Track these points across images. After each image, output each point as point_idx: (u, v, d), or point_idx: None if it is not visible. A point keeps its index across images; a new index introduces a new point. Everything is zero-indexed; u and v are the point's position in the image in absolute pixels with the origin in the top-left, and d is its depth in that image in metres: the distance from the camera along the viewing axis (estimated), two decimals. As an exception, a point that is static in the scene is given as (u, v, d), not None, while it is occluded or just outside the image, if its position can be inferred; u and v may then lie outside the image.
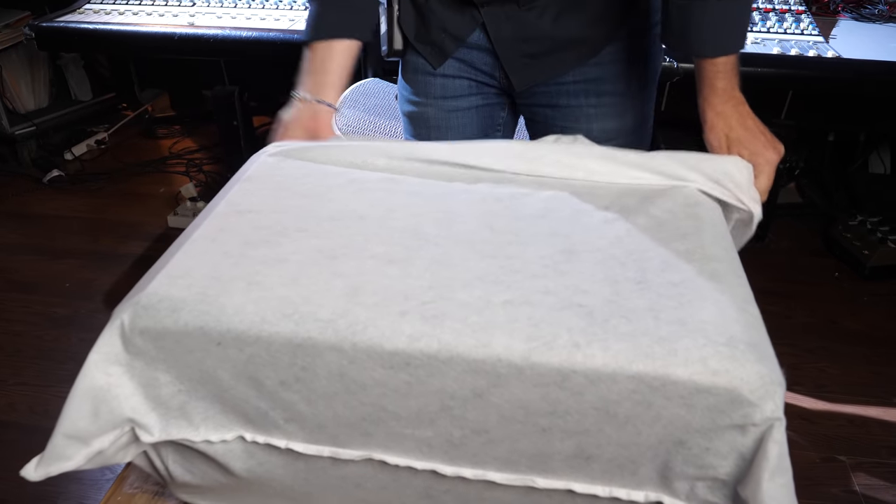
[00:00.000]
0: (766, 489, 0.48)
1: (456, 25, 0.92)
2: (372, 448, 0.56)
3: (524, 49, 0.92)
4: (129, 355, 0.55)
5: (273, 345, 0.53)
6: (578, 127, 0.95)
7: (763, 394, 0.48)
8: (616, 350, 0.49)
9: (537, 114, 0.99)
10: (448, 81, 0.98)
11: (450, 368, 0.51)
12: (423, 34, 0.95)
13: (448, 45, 0.94)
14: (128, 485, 0.69)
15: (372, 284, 0.56)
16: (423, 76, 0.99)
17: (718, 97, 0.77)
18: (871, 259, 1.84)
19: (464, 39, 0.93)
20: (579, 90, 0.93)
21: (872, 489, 1.23)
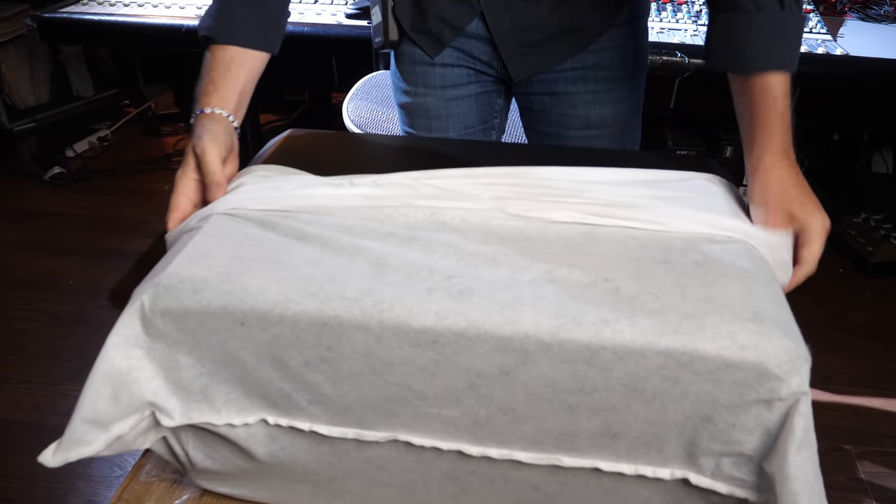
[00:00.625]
0: (793, 462, 0.48)
1: (454, 15, 0.92)
2: (397, 429, 0.56)
3: (522, 38, 0.92)
4: (150, 338, 0.55)
5: (298, 324, 0.52)
6: (576, 114, 0.95)
7: (790, 368, 0.48)
8: (644, 326, 0.49)
9: (534, 102, 0.99)
10: (447, 71, 0.98)
11: (477, 346, 0.51)
12: (420, 24, 0.95)
13: (446, 35, 0.94)
14: (144, 473, 0.69)
15: (396, 261, 0.55)
16: (421, 66, 0.98)
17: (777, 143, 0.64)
18: (874, 256, 1.85)
19: (462, 29, 0.93)
20: (577, 77, 0.93)
21: (877, 476, 1.25)
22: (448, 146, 0.77)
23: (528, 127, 1.04)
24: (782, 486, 0.48)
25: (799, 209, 0.63)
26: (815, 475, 0.49)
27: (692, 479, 0.53)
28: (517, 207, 0.61)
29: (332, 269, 0.55)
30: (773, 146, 0.65)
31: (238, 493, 0.65)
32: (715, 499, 0.54)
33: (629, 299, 0.52)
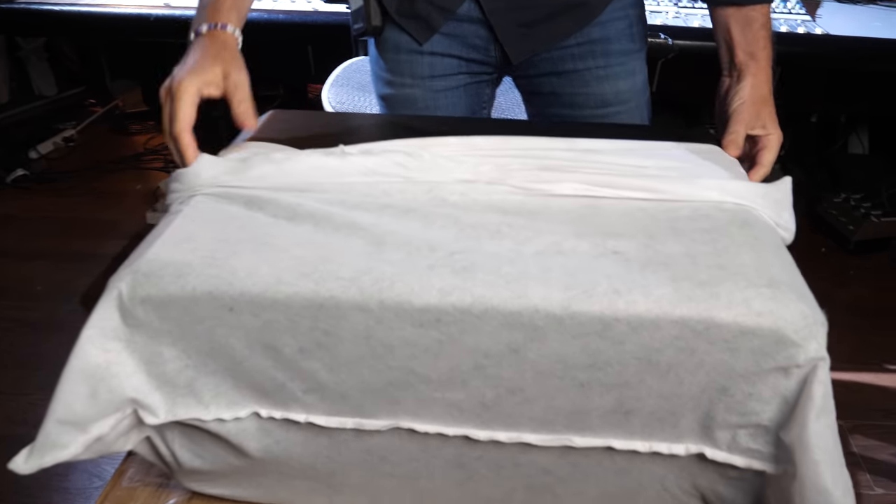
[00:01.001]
0: (813, 430, 0.46)
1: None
2: (399, 416, 0.53)
3: (519, 18, 0.87)
4: (129, 329, 0.51)
5: (292, 307, 0.49)
6: (589, 91, 0.90)
7: (807, 334, 0.46)
8: (658, 295, 0.47)
9: (541, 84, 0.93)
10: (436, 60, 0.92)
11: (484, 323, 0.48)
12: (406, 7, 0.89)
13: (435, 19, 0.88)
14: (127, 479, 0.65)
15: (394, 237, 0.53)
16: (408, 55, 0.92)
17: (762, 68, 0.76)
18: (855, 234, 1.87)
19: (453, 11, 0.88)
20: (585, 52, 0.89)
21: (869, 449, 1.26)
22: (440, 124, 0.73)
23: (536, 114, 0.99)
24: (802, 455, 0.46)
25: (768, 117, 0.75)
26: (835, 443, 0.47)
27: (708, 454, 0.51)
28: (519, 179, 0.58)
29: (327, 249, 0.52)
30: (763, 62, 0.76)
31: (230, 494, 0.61)
32: (731, 473, 0.53)
33: (640, 269, 0.49)
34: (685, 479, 0.54)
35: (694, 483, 0.54)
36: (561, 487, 0.56)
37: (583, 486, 0.56)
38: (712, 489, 0.54)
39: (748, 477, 0.52)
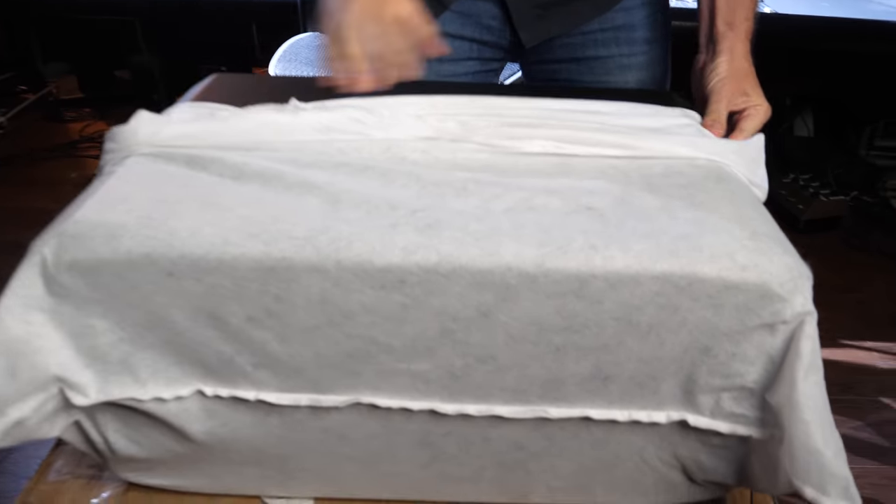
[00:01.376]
0: (802, 389, 0.44)
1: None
2: (359, 391, 0.49)
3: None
4: (55, 298, 0.46)
5: (239, 270, 0.44)
6: (611, 80, 0.84)
7: (792, 287, 0.44)
8: (637, 251, 0.44)
9: (557, 71, 0.87)
10: (449, 42, 0.80)
11: (452, 283, 0.44)
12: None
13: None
14: (54, 472, 0.59)
15: (350, 196, 0.48)
16: None
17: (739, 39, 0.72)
18: (805, 213, 1.90)
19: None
20: (609, 38, 0.83)
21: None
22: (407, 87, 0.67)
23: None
24: (791, 415, 0.44)
25: (752, 89, 0.71)
26: (825, 402, 0.45)
27: (690, 421, 0.49)
28: (485, 136, 0.55)
29: (277, 209, 0.47)
30: (742, 32, 0.72)
31: (170, 484, 0.56)
32: (714, 440, 0.50)
33: (616, 224, 0.46)
34: (665, 449, 0.51)
35: (674, 453, 0.51)
36: (534, 463, 0.53)
37: (557, 460, 0.52)
38: (694, 459, 0.51)
39: (731, 444, 0.50)
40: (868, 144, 2.09)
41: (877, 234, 1.91)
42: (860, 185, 2.02)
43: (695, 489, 0.55)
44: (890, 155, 2.08)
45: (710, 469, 0.52)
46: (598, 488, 0.55)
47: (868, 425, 1.22)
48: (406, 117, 0.55)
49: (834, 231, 1.93)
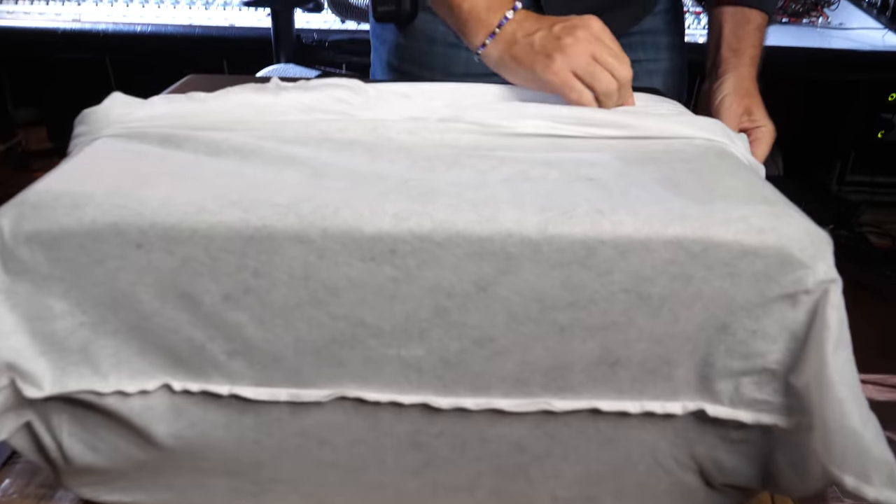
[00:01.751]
0: (832, 364, 0.40)
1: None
2: (344, 382, 0.44)
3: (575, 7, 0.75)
4: (10, 276, 0.41)
5: (215, 241, 0.40)
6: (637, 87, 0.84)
7: (814, 252, 0.41)
8: (647, 214, 0.41)
9: None
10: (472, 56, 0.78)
11: (447, 253, 0.41)
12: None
13: None
14: (0, 492, 0.52)
15: (335, 168, 0.45)
16: (444, 48, 0.80)
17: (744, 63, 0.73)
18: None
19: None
20: (636, 43, 0.82)
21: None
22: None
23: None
24: (823, 394, 0.40)
25: (757, 110, 0.71)
26: (857, 379, 0.41)
27: (709, 411, 0.44)
28: (474, 116, 0.52)
29: (256, 180, 0.44)
30: (747, 58, 0.73)
31: (129, 500, 0.50)
32: (734, 435, 0.46)
33: (621, 192, 0.44)
34: (681, 447, 0.47)
35: (691, 452, 0.47)
36: (536, 468, 0.48)
37: (562, 464, 0.48)
38: (712, 458, 0.47)
39: (753, 438, 0.46)
40: (839, 180, 2.11)
41: (853, 268, 1.90)
42: (834, 220, 2.03)
43: (712, 497, 0.50)
44: (862, 189, 2.11)
45: (731, 469, 0.47)
46: (606, 498, 0.49)
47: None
48: (392, 95, 0.53)
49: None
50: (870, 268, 1.94)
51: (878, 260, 1.98)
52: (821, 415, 0.41)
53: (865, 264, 1.95)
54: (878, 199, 2.16)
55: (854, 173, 2.17)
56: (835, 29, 1.84)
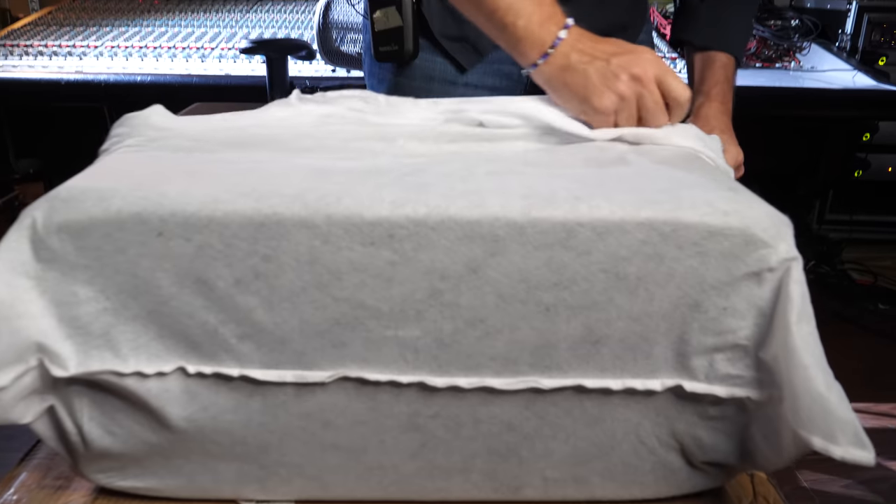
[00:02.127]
0: (797, 332, 0.43)
1: None
2: (346, 363, 0.48)
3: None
4: (42, 264, 0.45)
5: (229, 228, 0.45)
6: None
7: (775, 233, 0.45)
8: (621, 200, 0.45)
9: None
10: (469, 92, 0.85)
11: (440, 237, 0.45)
12: (453, 29, 0.81)
13: (484, 42, 0.80)
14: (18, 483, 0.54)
15: (339, 168, 0.49)
16: (441, 85, 0.84)
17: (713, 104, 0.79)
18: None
19: None
20: None
21: (819, 483, 1.25)
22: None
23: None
24: (790, 362, 0.43)
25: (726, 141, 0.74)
26: (821, 351, 0.44)
27: (686, 387, 0.48)
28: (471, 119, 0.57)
29: (267, 175, 0.48)
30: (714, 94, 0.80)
31: (143, 486, 0.52)
32: (711, 411, 0.49)
33: (597, 184, 0.48)
34: (662, 425, 0.50)
35: (672, 430, 0.50)
36: (527, 448, 0.51)
37: (551, 444, 0.51)
38: (692, 435, 0.50)
39: (729, 415, 0.49)
40: (819, 219, 2.18)
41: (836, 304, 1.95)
42: (816, 258, 2.09)
43: (695, 476, 0.52)
44: (842, 228, 2.17)
45: (710, 446, 0.50)
46: (594, 478, 0.52)
47: (859, 483, 1.20)
48: (400, 102, 0.58)
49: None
50: (853, 303, 1.99)
51: (861, 296, 2.03)
52: (789, 382, 0.44)
53: (849, 300, 2.00)
54: (857, 237, 2.22)
55: (833, 212, 2.24)
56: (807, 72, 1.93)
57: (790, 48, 1.92)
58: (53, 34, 1.96)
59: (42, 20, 2.08)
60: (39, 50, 1.84)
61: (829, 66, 1.88)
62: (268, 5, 2.22)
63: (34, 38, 1.92)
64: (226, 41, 1.92)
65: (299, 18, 2.10)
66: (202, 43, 1.91)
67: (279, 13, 2.16)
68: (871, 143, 2.07)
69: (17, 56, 1.81)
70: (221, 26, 2.04)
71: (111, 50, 1.85)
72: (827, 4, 2.06)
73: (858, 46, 1.97)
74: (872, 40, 1.99)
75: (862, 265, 2.15)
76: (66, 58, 1.81)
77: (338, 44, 1.66)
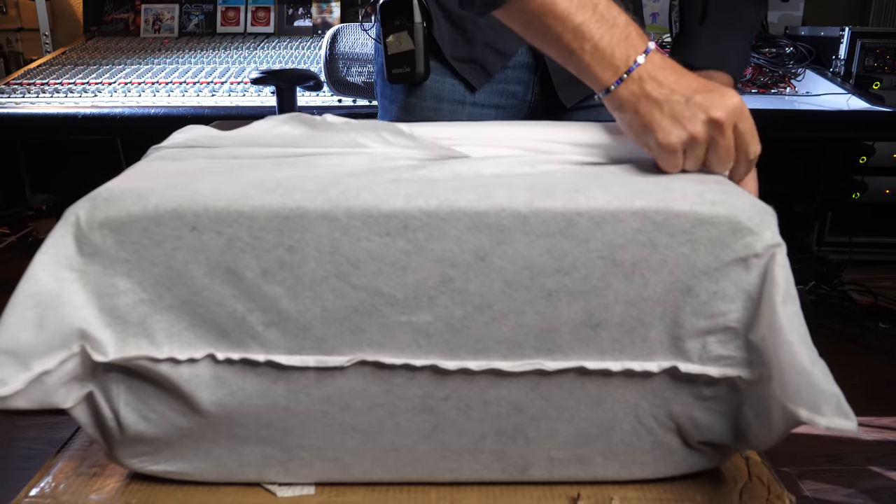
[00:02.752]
0: (782, 313, 0.47)
1: (505, 40, 0.84)
2: (363, 348, 0.51)
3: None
4: (84, 258, 0.49)
5: (257, 221, 0.49)
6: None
7: (760, 222, 0.49)
8: (616, 191, 0.49)
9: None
10: (476, 111, 0.88)
11: (450, 227, 0.49)
12: (465, 51, 0.85)
13: (492, 63, 0.86)
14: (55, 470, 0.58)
15: (355, 168, 0.54)
16: (450, 104, 0.88)
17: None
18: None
19: (511, 55, 0.86)
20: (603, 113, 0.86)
21: (822, 493, 1.26)
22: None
23: None
24: (776, 339, 0.47)
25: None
26: (806, 331, 0.47)
27: (681, 368, 0.51)
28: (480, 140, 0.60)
29: (290, 175, 0.53)
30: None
31: (174, 470, 0.56)
32: (706, 392, 0.52)
33: (593, 178, 0.52)
34: (659, 406, 0.53)
35: (669, 411, 0.53)
36: (533, 429, 0.54)
37: (555, 424, 0.54)
38: (688, 416, 0.53)
39: (723, 395, 0.52)
40: (819, 241, 2.21)
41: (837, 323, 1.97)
42: (816, 279, 2.12)
43: (692, 457, 0.55)
44: (841, 249, 2.20)
45: (705, 426, 0.53)
46: (596, 458, 0.55)
47: (861, 492, 1.21)
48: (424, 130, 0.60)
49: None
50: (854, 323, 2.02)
51: (861, 316, 2.06)
52: (776, 359, 0.47)
53: (849, 319, 2.03)
54: (857, 259, 2.25)
55: (833, 234, 2.27)
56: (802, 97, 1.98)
57: (785, 74, 1.98)
58: (68, 73, 2.03)
59: (57, 60, 2.16)
60: (56, 87, 1.91)
61: (823, 91, 1.93)
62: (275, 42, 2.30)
63: (50, 77, 1.99)
64: (235, 76, 1.99)
65: (305, 54, 2.17)
66: (212, 78, 1.98)
67: (286, 49, 2.23)
68: (867, 166, 2.11)
69: (34, 94, 1.88)
70: (230, 62, 2.11)
71: (124, 87, 1.92)
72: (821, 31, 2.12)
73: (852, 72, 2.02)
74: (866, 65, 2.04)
75: (862, 286, 2.18)
76: (81, 94, 1.88)
77: (344, 74, 1.72)
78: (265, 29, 2.48)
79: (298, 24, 2.48)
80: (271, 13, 2.49)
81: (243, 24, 2.47)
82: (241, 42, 2.29)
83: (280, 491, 0.56)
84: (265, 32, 2.45)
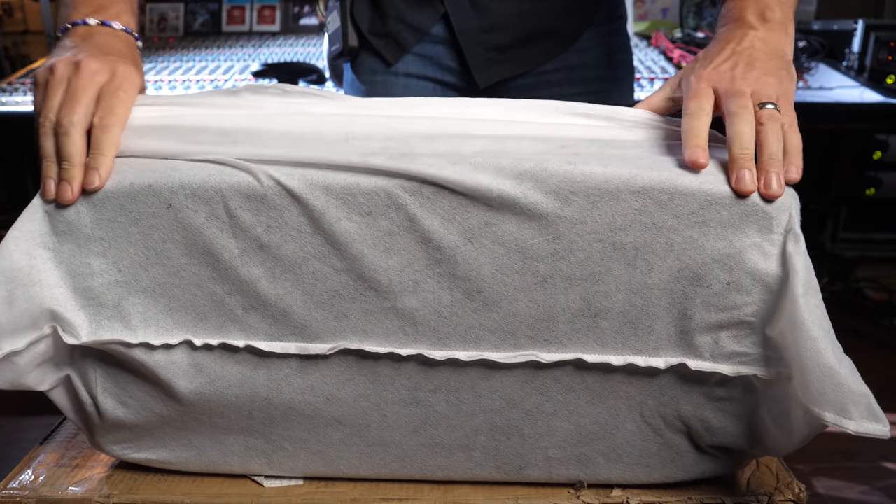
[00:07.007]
0: (804, 305, 0.42)
1: (415, 15, 0.86)
2: (346, 335, 0.48)
3: (489, 41, 0.85)
4: (58, 236, 0.47)
5: (234, 199, 0.46)
6: None
7: (779, 204, 0.44)
8: (616, 167, 0.45)
9: None
10: (411, 82, 0.89)
11: (436, 206, 0.45)
12: (379, 26, 0.87)
13: (406, 38, 0.86)
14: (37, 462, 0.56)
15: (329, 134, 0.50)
16: (382, 76, 0.88)
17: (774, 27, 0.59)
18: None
19: (424, 31, 0.87)
20: (562, 78, 0.87)
21: (836, 489, 1.22)
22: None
23: None
24: (798, 335, 0.42)
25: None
26: (829, 325, 0.43)
27: (690, 365, 0.47)
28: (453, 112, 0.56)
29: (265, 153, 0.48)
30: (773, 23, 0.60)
31: (156, 459, 0.53)
32: (719, 392, 0.48)
33: (593, 155, 0.47)
34: (667, 405, 0.49)
35: (678, 411, 0.49)
36: (529, 425, 0.50)
37: (553, 421, 0.50)
38: (699, 416, 0.49)
39: (737, 396, 0.48)
40: (833, 237, 2.16)
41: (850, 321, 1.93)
42: (830, 276, 2.07)
43: (703, 461, 0.51)
44: (855, 246, 2.16)
45: (718, 429, 0.49)
46: (598, 459, 0.51)
47: (876, 489, 1.17)
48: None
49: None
50: (868, 320, 1.97)
51: (876, 312, 2.01)
52: (797, 357, 0.42)
53: (864, 317, 1.99)
54: (872, 255, 2.20)
55: (847, 230, 2.23)
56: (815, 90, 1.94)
57: (798, 69, 1.95)
58: (74, 69, 2.02)
59: (62, 58, 2.14)
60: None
61: (837, 84, 1.89)
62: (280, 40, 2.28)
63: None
64: (238, 73, 1.97)
65: (311, 52, 2.15)
66: (216, 75, 1.96)
67: (291, 47, 2.21)
68: (882, 162, 2.06)
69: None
70: (234, 60, 2.09)
71: (129, 82, 1.90)
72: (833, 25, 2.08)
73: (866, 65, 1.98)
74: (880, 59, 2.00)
75: (876, 283, 2.13)
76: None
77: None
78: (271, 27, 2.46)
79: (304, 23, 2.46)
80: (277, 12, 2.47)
81: (249, 22, 2.46)
82: (246, 41, 2.27)
83: (267, 482, 0.54)
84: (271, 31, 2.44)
